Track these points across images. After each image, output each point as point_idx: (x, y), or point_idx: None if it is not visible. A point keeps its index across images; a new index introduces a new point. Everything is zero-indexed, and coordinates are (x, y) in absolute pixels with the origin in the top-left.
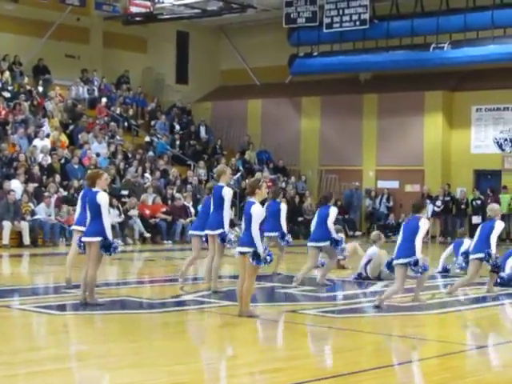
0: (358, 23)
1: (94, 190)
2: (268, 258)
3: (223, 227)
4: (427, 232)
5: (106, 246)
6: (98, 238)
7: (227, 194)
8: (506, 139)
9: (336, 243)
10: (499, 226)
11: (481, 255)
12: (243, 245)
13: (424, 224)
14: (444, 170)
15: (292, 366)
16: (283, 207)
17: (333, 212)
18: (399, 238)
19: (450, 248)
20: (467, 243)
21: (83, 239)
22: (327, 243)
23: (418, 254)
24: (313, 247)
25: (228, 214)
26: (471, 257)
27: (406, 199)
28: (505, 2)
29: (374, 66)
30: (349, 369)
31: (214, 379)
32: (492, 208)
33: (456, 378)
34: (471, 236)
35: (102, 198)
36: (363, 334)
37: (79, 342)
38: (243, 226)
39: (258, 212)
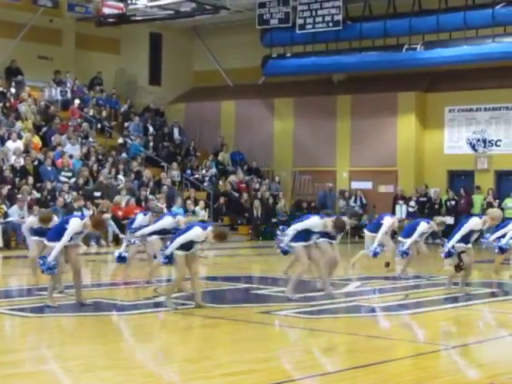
0: (330, 24)
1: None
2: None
3: None
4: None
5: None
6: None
7: None
8: (478, 140)
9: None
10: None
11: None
12: None
13: None
14: (417, 170)
15: (265, 368)
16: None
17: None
18: None
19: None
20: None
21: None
22: None
23: None
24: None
25: None
26: None
27: (379, 200)
28: (477, 3)
29: (347, 67)
30: (322, 370)
31: (188, 380)
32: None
33: (430, 378)
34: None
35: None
36: (336, 335)
37: (52, 344)
38: None
39: None
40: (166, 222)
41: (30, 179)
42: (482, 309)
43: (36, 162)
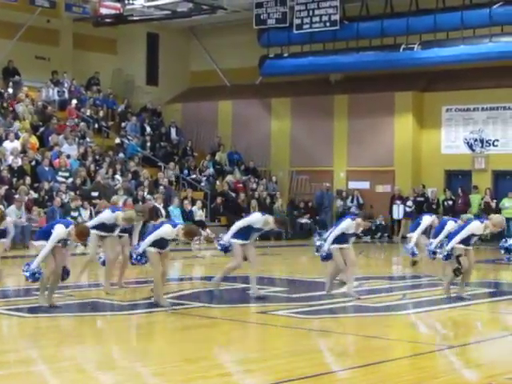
0: (328, 24)
1: None
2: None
3: None
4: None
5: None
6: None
7: None
8: (475, 139)
9: None
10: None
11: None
12: None
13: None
14: (414, 170)
15: (262, 368)
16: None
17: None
18: None
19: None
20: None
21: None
22: None
23: None
24: None
25: None
26: None
27: (376, 200)
28: (474, 2)
29: (344, 66)
30: (319, 370)
31: (186, 380)
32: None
33: (428, 378)
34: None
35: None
36: (334, 335)
37: (48, 344)
38: None
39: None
40: (105, 215)
41: (28, 179)
42: (480, 309)
43: (33, 162)
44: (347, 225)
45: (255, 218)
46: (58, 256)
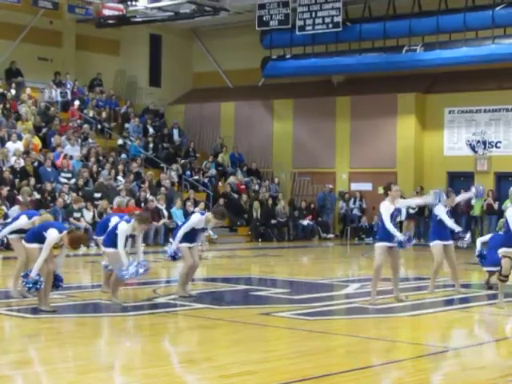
0: (330, 26)
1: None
2: None
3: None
4: None
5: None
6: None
7: None
8: (478, 141)
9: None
10: None
11: None
12: None
13: None
14: (417, 172)
15: (264, 369)
16: None
17: None
18: None
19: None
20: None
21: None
22: None
23: None
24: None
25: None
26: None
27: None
28: (476, 4)
29: (346, 68)
30: (321, 371)
31: (188, 382)
32: None
33: (430, 380)
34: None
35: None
36: (336, 337)
37: (51, 345)
38: None
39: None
40: (22, 221)
41: (32, 180)
42: (481, 311)
43: (36, 163)
44: (197, 220)
45: (197, 219)
46: (50, 260)
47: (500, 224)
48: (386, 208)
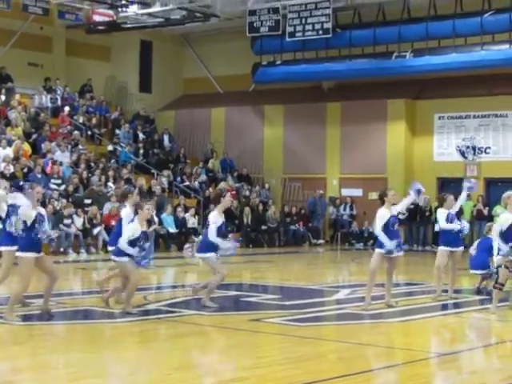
0: (320, 32)
1: None
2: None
3: None
4: None
5: None
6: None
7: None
8: (468, 147)
9: None
10: None
11: None
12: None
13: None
14: (407, 177)
15: (255, 375)
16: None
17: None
18: None
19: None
20: None
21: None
22: None
23: None
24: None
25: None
26: None
27: (369, 207)
28: (465, 11)
29: (336, 74)
30: (312, 377)
31: None
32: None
33: None
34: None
35: None
36: (327, 342)
37: (41, 352)
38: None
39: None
40: None
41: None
42: (472, 316)
43: (26, 169)
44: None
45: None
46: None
47: (486, 228)
48: (380, 215)
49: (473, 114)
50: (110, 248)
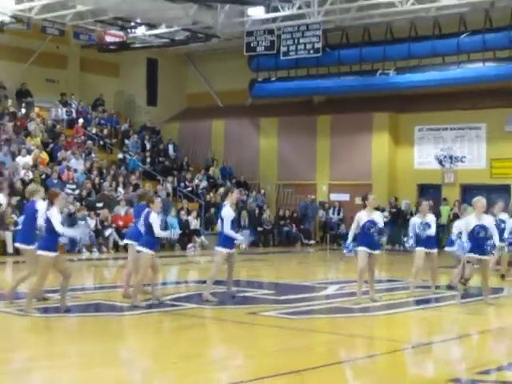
0: (311, 51)
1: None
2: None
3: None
4: None
5: None
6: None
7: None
8: (445, 156)
9: None
10: None
11: None
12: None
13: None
14: (390, 184)
15: (251, 364)
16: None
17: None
18: None
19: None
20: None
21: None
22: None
23: None
24: None
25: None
26: None
27: (356, 211)
28: (443, 32)
29: (326, 90)
30: (305, 365)
31: (183, 376)
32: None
33: (403, 373)
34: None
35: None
36: (317, 334)
37: (56, 342)
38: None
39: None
40: None
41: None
42: (449, 310)
43: (43, 176)
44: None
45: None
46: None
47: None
48: (357, 217)
49: (450, 127)
50: (127, 241)
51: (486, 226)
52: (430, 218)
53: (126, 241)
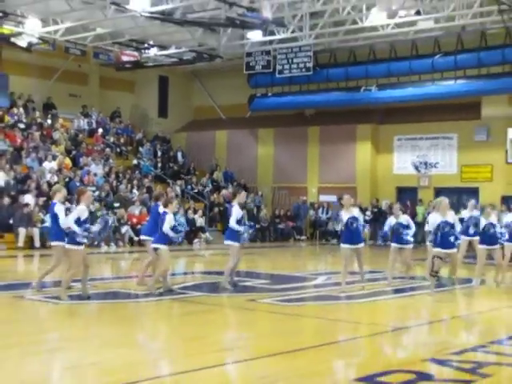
0: (303, 70)
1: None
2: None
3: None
4: None
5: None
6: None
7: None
8: (421, 162)
9: None
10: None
11: None
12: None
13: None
14: (372, 186)
15: (249, 345)
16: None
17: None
18: None
19: None
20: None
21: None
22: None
23: None
24: None
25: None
26: None
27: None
28: (420, 53)
29: (316, 104)
30: (297, 346)
31: (187, 355)
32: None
33: (383, 353)
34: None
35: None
36: (307, 319)
37: (79, 326)
38: None
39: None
40: None
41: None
42: (424, 299)
43: (67, 179)
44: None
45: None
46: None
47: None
48: (340, 216)
49: (425, 136)
50: (143, 237)
51: (450, 221)
52: (404, 218)
53: (142, 237)
